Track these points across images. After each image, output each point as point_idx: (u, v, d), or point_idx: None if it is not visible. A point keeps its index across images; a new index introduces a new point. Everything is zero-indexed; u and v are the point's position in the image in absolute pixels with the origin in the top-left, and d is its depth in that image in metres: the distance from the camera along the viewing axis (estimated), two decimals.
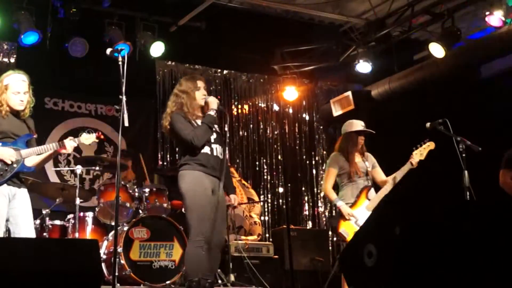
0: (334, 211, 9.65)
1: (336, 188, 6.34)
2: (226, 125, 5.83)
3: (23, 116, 5.05)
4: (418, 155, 6.11)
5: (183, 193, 5.20)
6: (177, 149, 6.29)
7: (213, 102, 5.33)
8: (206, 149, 5.24)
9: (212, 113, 5.29)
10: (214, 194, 5.23)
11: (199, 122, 5.27)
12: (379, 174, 6.34)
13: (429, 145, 6.15)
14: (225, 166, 5.37)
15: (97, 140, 5.31)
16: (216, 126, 5.41)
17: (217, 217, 5.22)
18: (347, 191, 6.21)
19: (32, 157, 5.02)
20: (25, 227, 4.90)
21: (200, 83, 5.39)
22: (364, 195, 6.12)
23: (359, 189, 6.15)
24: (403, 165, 6.17)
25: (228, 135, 5.61)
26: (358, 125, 6.32)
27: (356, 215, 6.05)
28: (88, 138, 5.23)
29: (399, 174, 6.13)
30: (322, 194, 10.13)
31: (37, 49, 7.67)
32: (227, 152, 5.47)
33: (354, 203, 6.12)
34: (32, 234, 4.97)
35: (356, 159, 6.26)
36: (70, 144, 5.07)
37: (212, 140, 5.29)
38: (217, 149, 5.30)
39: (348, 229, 6.02)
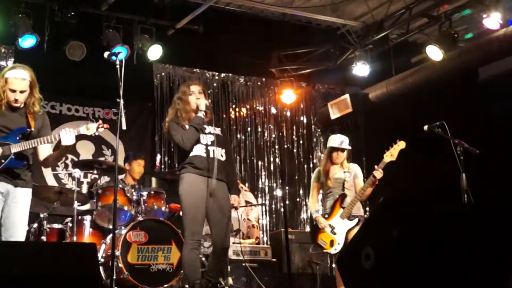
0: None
1: None
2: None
3: (30, 112, 4.89)
4: (389, 156, 6.21)
5: (179, 195, 5.36)
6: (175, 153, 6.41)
7: (201, 104, 5.44)
8: (200, 152, 5.35)
9: (200, 114, 5.41)
10: (213, 197, 5.28)
11: None
12: (357, 186, 6.43)
13: (399, 145, 6.23)
14: (229, 167, 5.53)
15: (101, 130, 5.00)
16: (218, 129, 5.52)
17: (219, 219, 5.32)
18: (326, 202, 6.50)
19: (44, 150, 4.92)
20: (14, 230, 4.72)
21: (194, 88, 5.53)
22: (338, 204, 6.37)
23: (335, 199, 6.32)
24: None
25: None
26: (335, 140, 6.50)
27: (332, 224, 6.33)
28: (89, 128, 4.96)
29: (365, 186, 6.24)
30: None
31: (35, 52, 7.65)
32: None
33: (330, 213, 6.38)
34: (22, 237, 4.77)
35: (334, 171, 6.48)
36: (64, 134, 4.80)
37: (209, 143, 5.36)
38: (214, 151, 5.37)
39: (326, 239, 6.34)
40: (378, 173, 6.15)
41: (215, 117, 5.57)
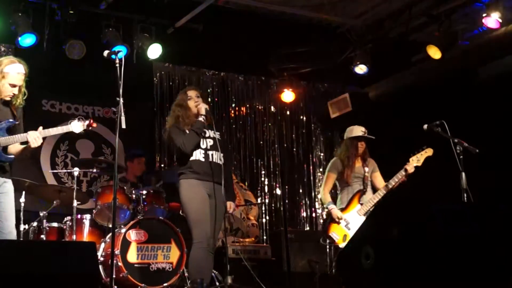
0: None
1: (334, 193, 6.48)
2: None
3: (12, 104, 4.85)
4: (415, 161, 6.16)
5: (182, 201, 5.51)
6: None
7: (201, 108, 5.54)
8: (199, 156, 5.46)
9: (200, 119, 5.50)
10: (211, 198, 5.38)
11: None
12: (378, 180, 6.41)
13: (427, 152, 6.20)
14: (226, 171, 5.56)
15: (89, 128, 5.01)
16: (217, 133, 5.60)
17: (212, 219, 5.41)
18: (343, 196, 6.40)
19: (16, 145, 4.83)
20: (5, 223, 4.66)
21: (191, 93, 5.66)
22: (357, 199, 6.27)
23: (353, 193, 6.27)
24: (399, 169, 6.21)
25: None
26: (358, 131, 6.43)
27: (347, 218, 6.23)
28: (78, 126, 4.95)
29: (393, 180, 6.17)
30: (319, 196, 10.15)
31: (34, 51, 7.63)
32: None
33: (346, 207, 6.32)
34: (12, 230, 4.73)
35: (355, 164, 6.38)
36: (34, 135, 4.73)
37: (208, 147, 5.46)
38: (213, 155, 5.49)
39: (339, 232, 6.23)
40: (411, 167, 6.09)
41: (215, 121, 5.63)
